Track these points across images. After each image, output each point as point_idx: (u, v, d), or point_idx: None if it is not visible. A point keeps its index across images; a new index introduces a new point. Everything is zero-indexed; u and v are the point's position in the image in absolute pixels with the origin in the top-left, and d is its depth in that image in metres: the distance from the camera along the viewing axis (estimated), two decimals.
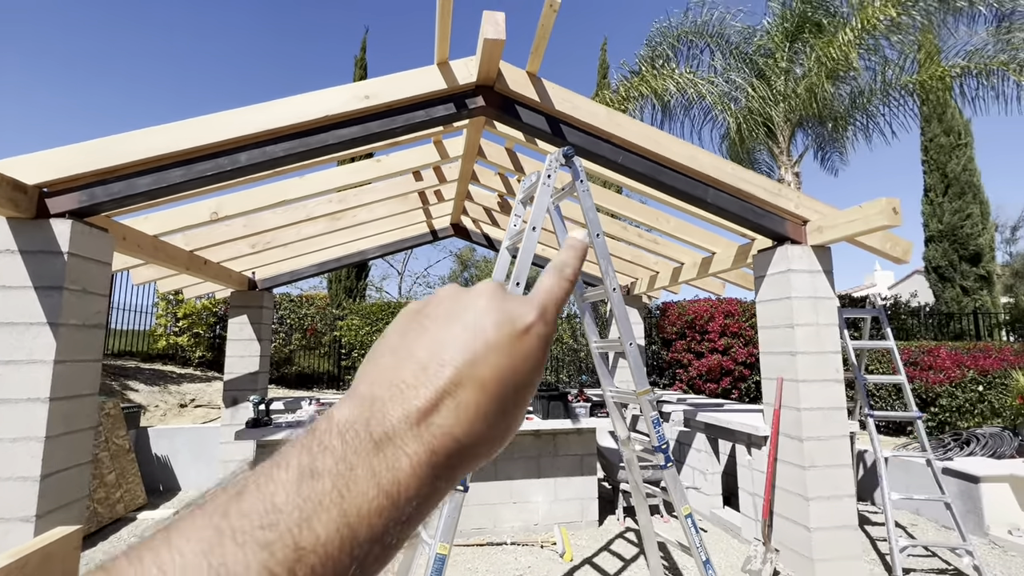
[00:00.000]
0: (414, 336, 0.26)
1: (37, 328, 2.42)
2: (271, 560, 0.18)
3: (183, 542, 0.18)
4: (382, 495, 0.20)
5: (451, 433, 0.23)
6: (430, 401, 0.23)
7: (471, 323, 0.26)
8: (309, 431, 0.23)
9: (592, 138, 3.12)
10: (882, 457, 3.46)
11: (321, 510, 0.19)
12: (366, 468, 0.21)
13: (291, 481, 0.20)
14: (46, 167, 2.52)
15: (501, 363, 0.25)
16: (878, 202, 2.97)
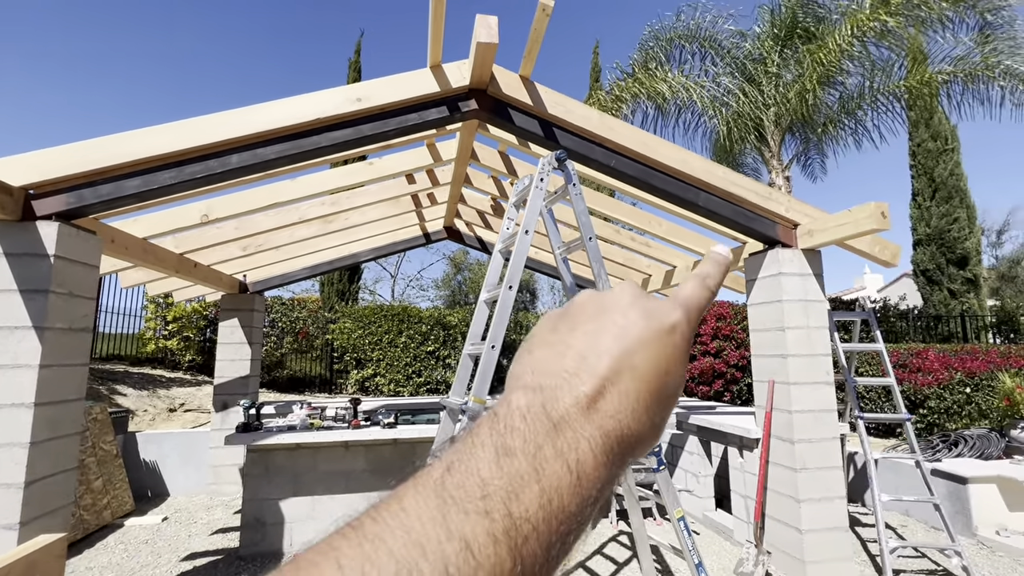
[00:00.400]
0: (566, 330, 0.28)
1: (22, 332, 2.38)
2: (493, 527, 0.19)
3: (415, 508, 0.20)
4: (571, 474, 0.22)
5: (617, 417, 0.24)
6: (595, 388, 0.24)
7: (620, 318, 0.27)
8: (491, 415, 0.24)
9: (585, 142, 3.13)
10: (872, 459, 3.49)
11: (523, 485, 0.21)
12: (551, 448, 0.22)
13: (490, 458, 0.21)
14: (33, 169, 2.49)
15: (654, 355, 0.26)
16: (867, 206, 3.00)
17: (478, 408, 1.95)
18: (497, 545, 0.19)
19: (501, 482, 0.21)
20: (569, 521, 0.21)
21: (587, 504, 0.22)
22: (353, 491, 3.78)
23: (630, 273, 6.06)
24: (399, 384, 9.28)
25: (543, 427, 0.23)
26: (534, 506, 0.20)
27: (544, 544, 0.20)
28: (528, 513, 0.20)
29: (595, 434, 0.23)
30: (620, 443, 0.24)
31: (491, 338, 2.02)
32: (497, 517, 0.20)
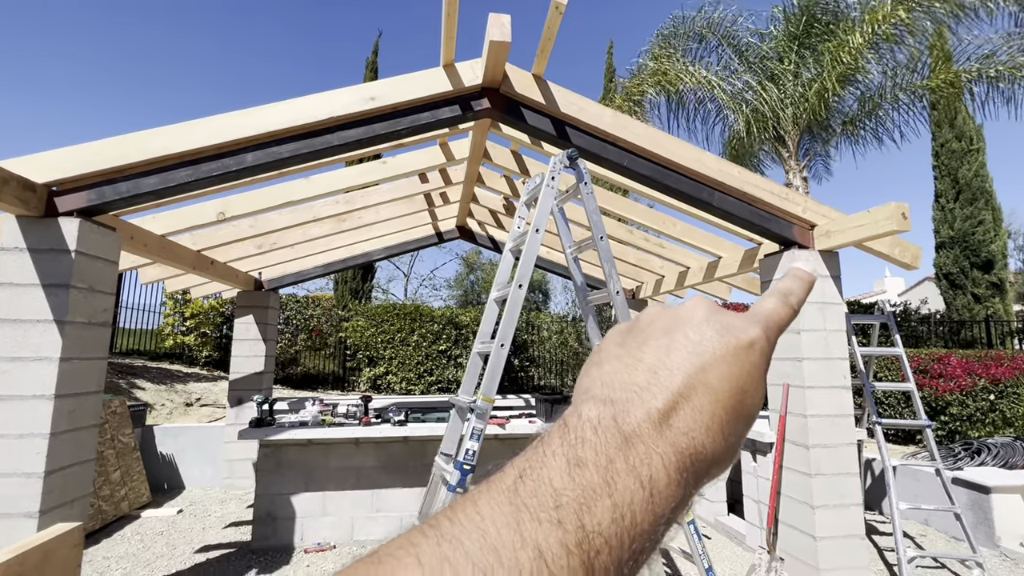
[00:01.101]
0: (636, 345, 0.27)
1: (44, 325, 2.44)
2: (566, 537, 0.19)
3: (490, 513, 0.20)
4: (644, 490, 0.21)
5: (691, 435, 0.23)
6: (667, 403, 0.24)
7: (693, 333, 0.26)
8: (560, 424, 0.24)
9: (598, 141, 3.11)
10: (890, 466, 3.41)
11: (596, 497, 0.20)
12: (623, 462, 0.22)
13: (562, 468, 0.21)
14: (55, 166, 2.55)
15: (729, 372, 0.25)
16: (887, 207, 2.93)
17: (486, 406, 1.94)
18: (570, 556, 0.19)
19: (573, 493, 0.20)
20: (641, 539, 0.21)
21: (659, 523, 0.21)
22: (363, 487, 3.80)
23: (642, 274, 6.01)
24: (411, 382, 9.33)
25: (614, 440, 0.22)
26: (607, 520, 0.20)
27: (616, 560, 0.20)
28: (601, 527, 0.20)
29: (668, 450, 0.22)
30: (694, 461, 0.23)
31: (500, 336, 2.01)
32: (570, 528, 0.20)
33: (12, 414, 2.36)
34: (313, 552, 3.60)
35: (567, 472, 0.21)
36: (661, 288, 5.74)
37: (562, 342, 10.43)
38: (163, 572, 3.33)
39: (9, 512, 2.30)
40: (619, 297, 2.22)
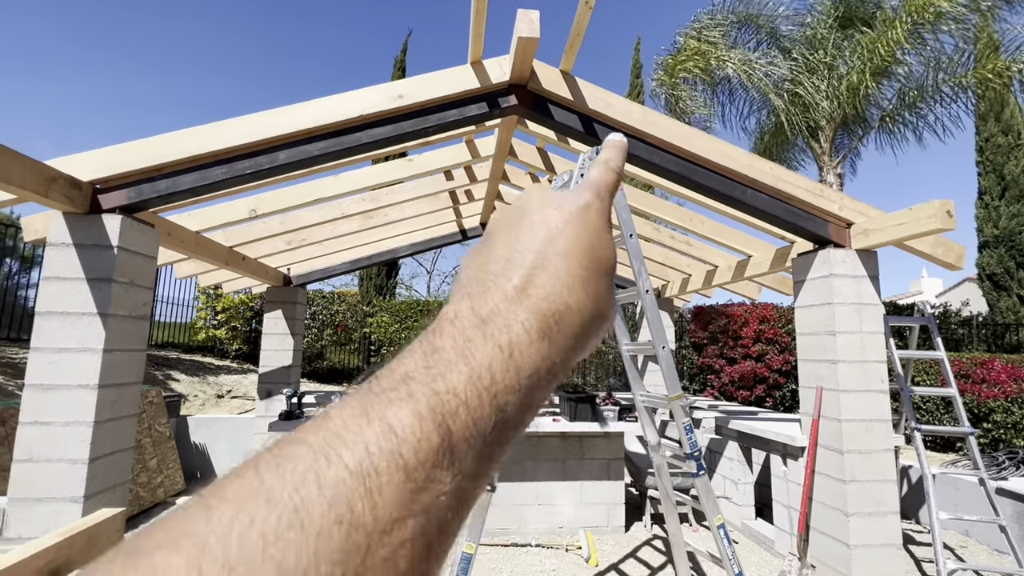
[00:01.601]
0: (488, 246, 0.28)
1: (88, 318, 2.54)
2: (416, 406, 0.19)
3: (339, 412, 0.20)
4: (503, 352, 0.22)
5: (550, 297, 0.24)
6: (523, 278, 0.25)
7: (536, 217, 0.28)
8: (422, 332, 0.24)
9: (626, 137, 3.06)
10: (930, 474, 3.28)
11: (450, 368, 0.21)
12: (481, 338, 0.22)
13: (418, 359, 0.22)
14: (99, 165, 2.64)
15: (575, 234, 0.27)
16: (931, 204, 2.81)
17: None
18: (422, 421, 0.19)
19: (427, 370, 0.21)
20: (506, 394, 0.21)
21: (526, 377, 0.22)
22: None
23: (668, 273, 5.92)
24: None
25: (472, 323, 0.23)
26: (462, 382, 0.20)
27: (477, 419, 0.20)
28: (456, 389, 0.20)
29: (528, 316, 0.23)
30: (558, 319, 0.24)
31: None
32: (421, 397, 0.20)
33: (59, 403, 2.47)
34: None
35: (422, 359, 0.21)
36: (688, 287, 5.64)
37: None
38: None
39: (56, 496, 2.41)
40: (649, 296, 2.19)
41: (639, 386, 2.60)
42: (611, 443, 4.08)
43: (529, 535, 3.86)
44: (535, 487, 3.96)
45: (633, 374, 2.61)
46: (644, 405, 2.56)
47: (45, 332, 2.52)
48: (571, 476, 4.01)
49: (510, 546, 3.69)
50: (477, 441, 0.20)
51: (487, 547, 3.63)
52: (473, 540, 1.80)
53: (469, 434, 0.20)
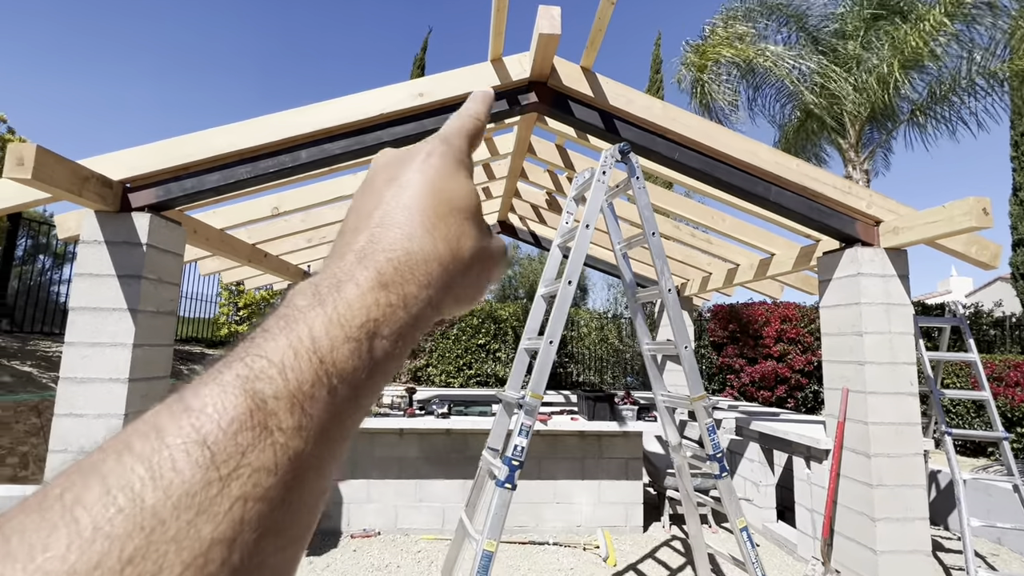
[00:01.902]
0: (344, 222, 0.29)
1: (119, 314, 2.61)
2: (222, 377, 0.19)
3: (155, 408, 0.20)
4: (329, 314, 0.22)
5: (389, 250, 0.25)
6: (366, 239, 0.25)
7: (382, 175, 0.29)
8: None
9: (647, 133, 3.03)
10: (960, 479, 3.18)
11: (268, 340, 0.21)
12: (314, 307, 0.22)
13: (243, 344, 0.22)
14: (129, 164, 2.71)
15: (419, 181, 0.27)
16: (965, 201, 2.72)
17: (535, 403, 1.94)
18: (224, 391, 0.19)
19: (242, 351, 0.21)
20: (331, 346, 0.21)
21: (357, 328, 0.22)
22: (406, 477, 3.89)
23: (688, 271, 5.84)
24: (450, 375, 9.47)
25: (306, 298, 0.23)
26: (278, 345, 0.20)
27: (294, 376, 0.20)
28: (268, 350, 0.20)
29: (364, 275, 0.24)
30: (398, 267, 0.24)
31: (549, 333, 2.00)
32: (226, 373, 0.19)
33: (91, 396, 2.54)
34: (359, 537, 3.72)
35: (246, 343, 0.21)
36: (708, 285, 5.56)
37: (602, 339, 10.30)
38: None
39: None
40: (671, 295, 2.16)
41: (660, 385, 2.57)
42: (629, 442, 4.05)
43: (547, 533, 3.85)
44: (553, 485, 3.96)
45: (654, 373, 2.58)
46: (665, 405, 2.53)
47: (78, 327, 2.59)
48: (589, 475, 3.99)
49: (527, 543, 3.69)
50: (299, 398, 0.19)
51: (504, 544, 3.64)
52: (494, 538, 1.80)
53: (287, 391, 0.19)
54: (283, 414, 0.19)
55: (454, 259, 0.26)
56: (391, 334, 0.23)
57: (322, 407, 0.20)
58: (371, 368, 0.22)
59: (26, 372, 5.20)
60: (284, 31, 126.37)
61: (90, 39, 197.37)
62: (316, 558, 3.38)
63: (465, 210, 0.28)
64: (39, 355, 5.76)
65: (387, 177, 0.29)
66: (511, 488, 1.85)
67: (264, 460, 0.18)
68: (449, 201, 0.27)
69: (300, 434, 0.19)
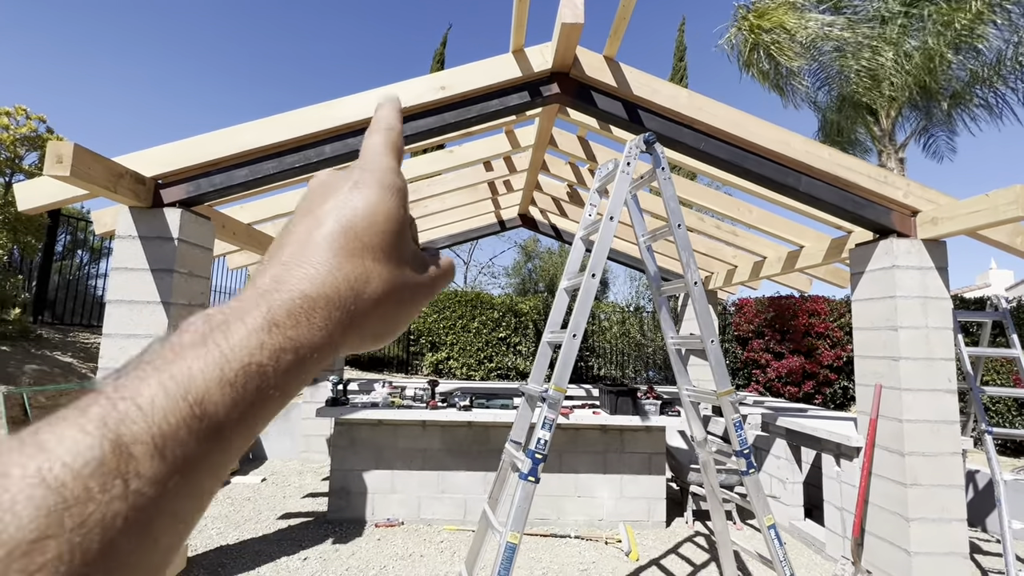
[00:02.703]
0: (272, 245, 0.29)
1: (152, 306, 2.70)
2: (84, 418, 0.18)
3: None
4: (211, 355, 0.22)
5: (291, 288, 0.24)
6: (271, 276, 0.25)
7: (302, 207, 0.29)
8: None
9: (672, 124, 2.97)
10: (1001, 479, 3.06)
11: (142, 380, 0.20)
12: (199, 345, 0.22)
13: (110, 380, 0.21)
14: (161, 161, 2.78)
15: (332, 219, 0.27)
16: (1012, 190, 2.59)
17: (558, 396, 1.93)
18: (84, 433, 0.18)
19: (110, 389, 0.20)
20: (206, 388, 0.21)
21: (238, 371, 0.21)
22: (428, 468, 3.93)
23: (713, 264, 5.73)
24: (471, 368, 9.53)
25: (197, 332, 0.22)
26: (149, 385, 0.20)
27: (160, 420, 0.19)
28: (137, 391, 0.19)
29: (256, 314, 0.23)
30: (292, 310, 0.24)
31: (572, 326, 1.98)
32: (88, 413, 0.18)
33: None
34: (384, 527, 3.78)
35: (112, 380, 0.20)
36: (733, 279, 5.45)
37: (624, 332, 10.21)
38: (251, 534, 3.63)
39: None
40: (697, 288, 2.12)
41: (684, 380, 2.53)
42: (652, 437, 4.01)
43: (568, 526, 3.86)
44: (575, 479, 3.95)
45: (678, 367, 2.54)
46: (689, 399, 2.49)
47: (115, 319, 2.69)
48: (611, 469, 3.98)
49: (549, 536, 3.70)
50: (161, 443, 0.19)
51: (526, 536, 3.65)
52: (517, 530, 1.81)
53: (148, 436, 0.18)
54: (143, 460, 0.18)
55: (357, 300, 0.26)
56: (272, 376, 0.22)
57: (187, 451, 0.19)
58: (245, 410, 0.22)
59: (67, 362, 5.43)
60: (289, 30, 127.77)
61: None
62: (342, 546, 3.46)
63: (378, 248, 0.27)
64: (79, 346, 6.01)
65: (307, 208, 0.28)
66: (534, 481, 1.85)
67: (116, 508, 0.17)
68: (361, 240, 0.27)
69: (157, 481, 0.18)
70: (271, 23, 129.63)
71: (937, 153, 8.98)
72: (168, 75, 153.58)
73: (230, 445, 0.21)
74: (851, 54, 7.53)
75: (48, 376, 4.95)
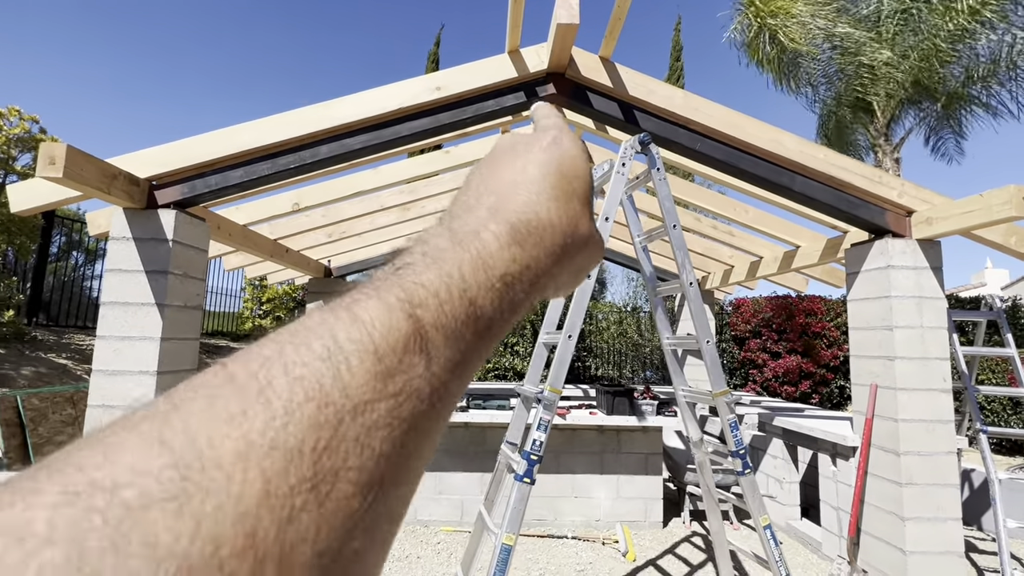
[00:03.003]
0: (469, 187, 0.29)
1: (147, 308, 2.68)
2: (384, 298, 0.19)
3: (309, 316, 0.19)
4: (472, 254, 0.22)
5: (522, 208, 0.25)
6: (496, 199, 0.26)
7: (503, 156, 0.29)
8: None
9: (668, 124, 2.97)
10: (996, 478, 3.07)
11: (419, 269, 0.21)
12: (450, 243, 0.23)
13: (387, 269, 0.22)
14: (155, 161, 2.77)
15: (546, 159, 0.28)
16: (1005, 190, 2.60)
17: (554, 397, 1.93)
18: (390, 310, 0.19)
19: (395, 273, 0.21)
20: (477, 289, 0.21)
21: (497, 278, 0.22)
22: (426, 469, 3.92)
23: (710, 264, 5.74)
24: None
25: (444, 237, 0.23)
26: (431, 277, 0.20)
27: (448, 308, 0.20)
28: (425, 282, 0.20)
29: (499, 228, 0.24)
30: (529, 228, 0.24)
31: (568, 327, 1.98)
32: (387, 292, 0.19)
33: (123, 387, 2.62)
34: None
35: (390, 269, 0.21)
36: (730, 279, 5.46)
37: (621, 332, 10.22)
38: None
39: None
40: (692, 288, 2.12)
41: (680, 380, 2.53)
42: (649, 437, 4.02)
43: (565, 527, 3.86)
44: (571, 479, 3.95)
45: (674, 368, 2.54)
46: (685, 400, 2.49)
47: (109, 321, 2.67)
48: (608, 470, 3.98)
49: (546, 537, 3.70)
50: (451, 332, 0.20)
51: (523, 537, 3.65)
52: (512, 532, 1.81)
53: (442, 323, 0.19)
54: (440, 345, 0.19)
55: (574, 235, 0.27)
56: (519, 292, 0.23)
57: (465, 347, 0.20)
58: (500, 322, 0.22)
59: (61, 364, 5.41)
60: (289, 30, 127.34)
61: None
62: None
63: (583, 196, 0.28)
64: (73, 348, 5.98)
65: (511, 155, 0.29)
66: (530, 482, 1.84)
67: (419, 386, 0.18)
68: (571, 182, 0.28)
69: (448, 368, 0.19)
70: (271, 22, 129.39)
71: (946, 154, 8.99)
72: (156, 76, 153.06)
73: (485, 352, 0.22)
74: (852, 51, 7.53)
75: (43, 378, 4.93)
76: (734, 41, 8.47)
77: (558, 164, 0.28)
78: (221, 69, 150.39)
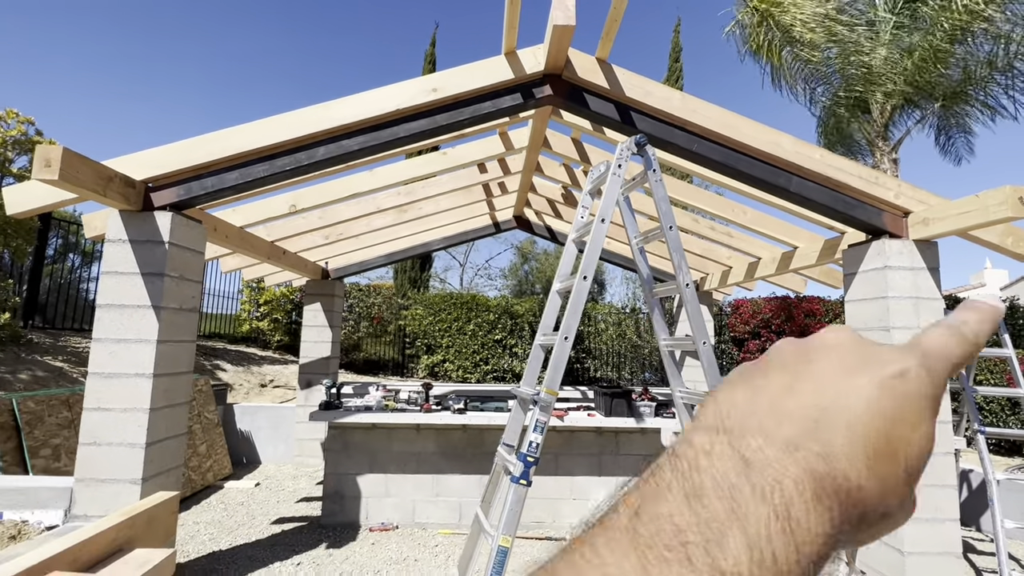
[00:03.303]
0: (760, 374, 0.24)
1: (143, 311, 2.68)
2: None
3: (612, 556, 0.19)
4: (778, 519, 0.18)
5: (827, 460, 0.20)
6: (795, 429, 0.21)
7: (829, 360, 0.23)
8: (670, 454, 0.22)
9: (665, 125, 2.97)
10: (994, 479, 3.07)
11: (724, 531, 0.18)
12: (748, 487, 0.19)
13: (680, 501, 0.20)
14: (152, 163, 2.76)
15: (869, 399, 0.21)
16: (1001, 190, 2.60)
17: (550, 399, 1.92)
18: None
19: (698, 528, 0.18)
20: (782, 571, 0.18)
21: (806, 558, 0.18)
22: (423, 472, 3.91)
23: (708, 265, 5.74)
24: (467, 371, 9.50)
25: (733, 464, 0.20)
26: (744, 560, 0.18)
27: None
28: (738, 565, 0.18)
29: (801, 475, 0.19)
30: (837, 492, 0.19)
31: (564, 329, 1.98)
32: (700, 566, 0.18)
33: (118, 390, 2.61)
34: (378, 531, 3.76)
35: (686, 505, 0.19)
36: (728, 280, 5.46)
37: (620, 334, 10.22)
38: (244, 539, 3.60)
39: (118, 478, 2.56)
40: (689, 290, 2.11)
41: (678, 382, 2.53)
42: (647, 439, 4.01)
43: (563, 529, 3.85)
44: (570, 481, 3.94)
45: (671, 369, 2.54)
46: (683, 402, 2.49)
47: (105, 324, 2.66)
48: (606, 471, 3.97)
49: (544, 539, 3.69)
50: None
51: (521, 539, 3.64)
52: (509, 534, 1.80)
53: None
54: None
55: (881, 502, 0.21)
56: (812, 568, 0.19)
57: None
58: None
59: (57, 367, 5.39)
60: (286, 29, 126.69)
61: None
62: (336, 550, 3.44)
63: (914, 459, 0.22)
64: (69, 351, 5.96)
65: (835, 376, 0.22)
66: (526, 484, 1.84)
67: None
68: (899, 440, 0.21)
69: None
70: (271, 23, 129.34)
71: (955, 154, 9.01)
72: (156, 80, 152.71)
73: None
74: (852, 51, 7.53)
75: (39, 381, 4.91)
76: (734, 35, 8.45)
77: (888, 413, 0.21)
78: (220, 71, 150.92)
